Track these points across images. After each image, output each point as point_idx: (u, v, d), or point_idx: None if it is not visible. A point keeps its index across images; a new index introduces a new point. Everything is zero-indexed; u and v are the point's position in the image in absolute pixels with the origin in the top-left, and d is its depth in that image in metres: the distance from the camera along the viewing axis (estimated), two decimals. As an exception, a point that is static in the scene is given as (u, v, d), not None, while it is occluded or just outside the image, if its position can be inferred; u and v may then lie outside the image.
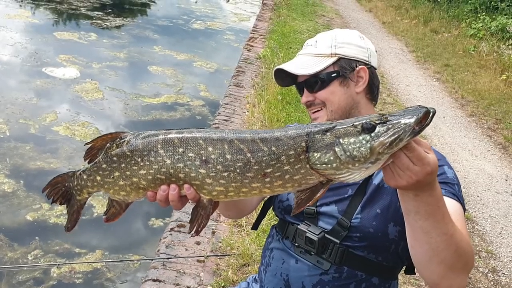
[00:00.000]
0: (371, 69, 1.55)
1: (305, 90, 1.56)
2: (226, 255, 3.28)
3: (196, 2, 13.46)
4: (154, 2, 12.72)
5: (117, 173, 1.19)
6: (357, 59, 1.52)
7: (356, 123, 1.04)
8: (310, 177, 1.08)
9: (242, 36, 10.50)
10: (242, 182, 1.11)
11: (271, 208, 1.72)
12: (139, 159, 1.16)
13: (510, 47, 9.20)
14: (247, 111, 5.82)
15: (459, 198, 1.34)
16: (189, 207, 3.71)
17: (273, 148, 1.09)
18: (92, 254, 3.80)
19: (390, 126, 1.00)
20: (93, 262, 3.65)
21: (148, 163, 1.15)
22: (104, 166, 1.21)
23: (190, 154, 1.12)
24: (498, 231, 4.37)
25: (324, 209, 1.49)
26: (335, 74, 1.51)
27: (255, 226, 1.82)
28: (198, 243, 3.39)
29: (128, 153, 1.17)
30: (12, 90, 6.21)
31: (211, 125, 5.54)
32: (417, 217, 1.12)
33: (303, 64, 1.54)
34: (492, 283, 3.69)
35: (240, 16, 12.89)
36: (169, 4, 12.78)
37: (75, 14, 10.05)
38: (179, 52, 8.77)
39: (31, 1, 10.39)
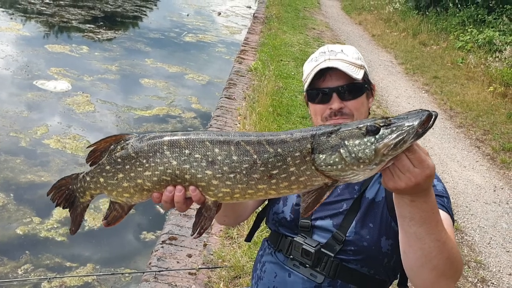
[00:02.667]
0: None
1: (334, 96, 1.49)
2: (217, 267, 3.28)
3: (188, 15, 13.56)
4: (146, 15, 12.80)
5: (121, 175, 1.18)
6: (368, 76, 1.57)
7: (361, 125, 1.06)
8: (316, 178, 1.10)
9: (234, 48, 10.59)
10: (248, 184, 1.12)
11: (264, 220, 1.71)
12: (144, 161, 1.15)
13: (497, 59, 9.37)
14: (239, 123, 5.86)
15: (448, 210, 1.37)
16: (179, 219, 3.68)
17: (279, 150, 1.10)
18: (83, 267, 3.78)
19: (394, 128, 1.02)
20: (84, 276, 3.63)
21: (153, 165, 1.14)
22: (107, 167, 1.20)
23: (197, 155, 1.12)
24: (487, 241, 4.41)
25: (319, 223, 1.50)
26: (367, 86, 1.53)
27: (248, 238, 1.82)
28: (189, 256, 3.39)
29: (133, 155, 1.16)
30: (2, 103, 6.20)
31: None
32: (411, 223, 1.14)
33: (347, 67, 1.48)
34: (481, 293, 3.73)
35: (231, 29, 13.00)
36: (161, 17, 12.87)
37: (66, 26, 10.08)
38: (171, 64, 8.81)
39: (22, 14, 10.42)
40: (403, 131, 1.01)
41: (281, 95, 6.96)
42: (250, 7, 16.54)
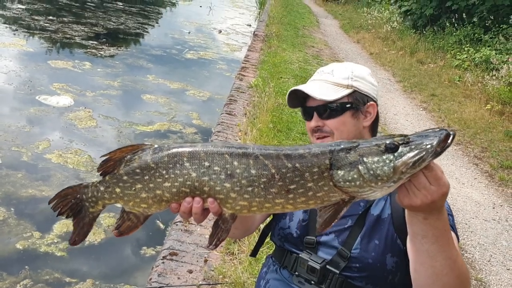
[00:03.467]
0: (377, 106, 1.61)
1: (315, 115, 1.56)
2: (218, 283, 3.28)
3: (189, 32, 13.72)
4: (147, 32, 12.96)
5: (139, 185, 1.17)
6: (368, 94, 1.57)
7: (380, 143, 1.07)
8: (333, 194, 1.10)
9: (234, 66, 10.71)
10: (265, 198, 1.12)
11: (270, 235, 1.71)
12: (164, 172, 1.14)
13: (494, 77, 9.49)
14: (239, 139, 5.91)
15: (453, 227, 1.38)
16: (180, 235, 3.69)
17: (297, 165, 1.10)
18: (83, 283, 3.77)
19: (413, 146, 1.03)
20: (84, 291, 3.62)
21: (173, 176, 1.14)
22: (125, 178, 1.18)
23: (216, 168, 1.12)
24: (487, 259, 4.42)
25: (324, 239, 1.50)
26: (349, 105, 1.54)
27: (253, 253, 1.81)
28: (190, 272, 3.39)
29: (153, 165, 1.16)
30: (5, 117, 6.24)
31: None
32: (424, 241, 1.15)
33: (321, 89, 1.55)
34: (482, 310, 3.72)
35: (232, 46, 13.15)
36: (163, 35, 13.02)
37: (69, 43, 10.19)
38: (172, 81, 8.90)
39: (26, 30, 10.54)
40: (422, 150, 1.01)
41: (281, 111, 7.03)
42: (250, 25, 16.74)
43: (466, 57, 10.97)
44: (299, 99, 1.62)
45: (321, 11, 23.72)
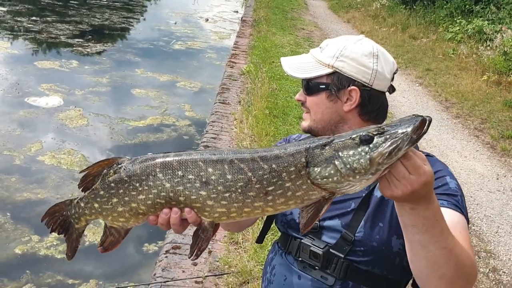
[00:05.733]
0: (371, 92, 1.44)
1: (302, 89, 1.53)
2: (224, 274, 3.20)
3: (175, 23, 13.52)
4: (133, 26, 12.76)
5: (115, 199, 1.17)
6: (353, 78, 1.43)
7: (354, 136, 1.04)
8: (312, 192, 1.08)
9: (224, 53, 10.55)
10: (244, 202, 1.10)
11: (274, 221, 1.67)
12: (138, 184, 1.13)
13: (488, 48, 9.38)
14: (235, 128, 5.79)
15: (461, 209, 1.31)
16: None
17: (274, 166, 1.08)
18: (86, 284, 3.70)
19: (387, 136, 1.00)
20: (88, 292, 3.55)
21: (147, 188, 1.13)
22: (101, 192, 1.18)
23: (190, 176, 1.10)
24: (495, 230, 4.36)
25: (327, 223, 1.45)
26: (323, 86, 1.45)
27: (259, 240, 1.76)
28: (195, 264, 3.31)
29: (126, 179, 1.14)
30: (-6, 122, 6.11)
31: (200, 144, 5.48)
32: (414, 231, 1.10)
33: (303, 64, 1.50)
34: (493, 282, 3.67)
35: (220, 34, 12.97)
36: (149, 27, 12.82)
37: (55, 42, 10.00)
38: (162, 73, 8.75)
39: (10, 32, 10.33)
40: (397, 139, 0.98)
41: (276, 96, 6.91)
42: (237, 12, 16.54)
43: (459, 29, 10.85)
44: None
45: (308, -7, 23.46)
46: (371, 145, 1.01)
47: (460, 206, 1.31)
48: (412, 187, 1.00)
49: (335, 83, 1.44)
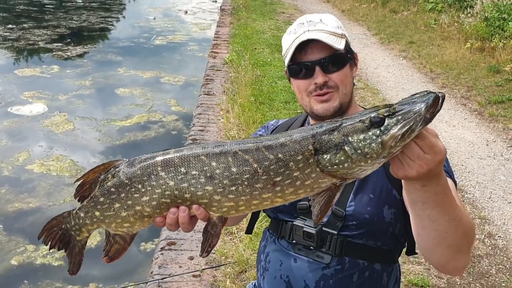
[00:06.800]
0: None
1: (318, 70, 1.38)
2: (221, 265, 3.20)
3: (154, 18, 13.36)
4: (112, 25, 12.59)
5: (117, 205, 1.11)
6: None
7: (364, 118, 0.99)
8: (322, 180, 1.03)
9: (206, 44, 10.46)
10: (252, 195, 1.06)
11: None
12: (140, 186, 1.08)
13: (469, 15, 9.36)
14: (222, 118, 5.76)
15: (449, 173, 1.32)
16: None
17: (280, 155, 1.03)
18: (86, 288, 3.69)
19: (399, 117, 0.94)
20: (88, 296, 3.54)
21: (150, 188, 1.08)
22: (102, 199, 1.12)
23: (194, 172, 1.06)
24: (488, 196, 4.39)
25: None
26: (349, 56, 1.43)
27: (249, 230, 1.76)
28: (191, 258, 3.30)
29: (127, 181, 1.09)
30: (-22, 135, 6.03)
31: (187, 137, 5.45)
32: (424, 207, 1.08)
33: (328, 39, 1.38)
34: (490, 248, 3.69)
35: (200, 25, 12.84)
36: (128, 25, 12.67)
37: (34, 49, 9.86)
38: (145, 70, 8.67)
39: (-14, 43, 10.17)
40: (410, 119, 0.93)
41: (260, 83, 6.86)
42: (216, 1, 16.38)
43: (439, -1, 10.80)
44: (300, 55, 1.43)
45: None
46: (382, 128, 0.96)
47: (448, 171, 1.31)
48: (428, 166, 0.97)
49: (350, 51, 1.45)
